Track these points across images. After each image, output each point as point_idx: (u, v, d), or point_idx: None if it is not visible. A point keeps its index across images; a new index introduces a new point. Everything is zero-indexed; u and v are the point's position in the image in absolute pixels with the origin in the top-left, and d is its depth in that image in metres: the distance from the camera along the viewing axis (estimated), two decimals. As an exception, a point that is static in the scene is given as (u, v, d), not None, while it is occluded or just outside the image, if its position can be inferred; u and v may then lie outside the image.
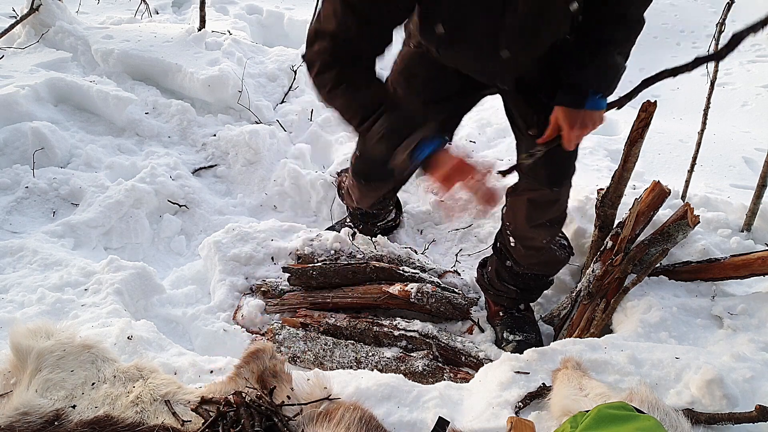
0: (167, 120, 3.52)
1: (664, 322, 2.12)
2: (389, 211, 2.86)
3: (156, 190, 2.96)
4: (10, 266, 2.44)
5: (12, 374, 1.56)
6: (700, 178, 3.16)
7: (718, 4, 5.55)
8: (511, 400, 1.73)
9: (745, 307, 2.16)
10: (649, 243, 2.32)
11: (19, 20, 3.93)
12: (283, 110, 3.71)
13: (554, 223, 2.22)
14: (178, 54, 3.80)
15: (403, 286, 2.40)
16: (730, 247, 2.46)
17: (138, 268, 2.44)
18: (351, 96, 1.67)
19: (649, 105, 2.21)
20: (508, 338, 2.35)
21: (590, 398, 1.51)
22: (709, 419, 1.66)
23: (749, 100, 4.48)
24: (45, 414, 1.40)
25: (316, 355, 2.23)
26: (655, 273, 2.34)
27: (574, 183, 2.16)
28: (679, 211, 2.32)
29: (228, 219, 2.99)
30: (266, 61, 4.02)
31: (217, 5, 5.09)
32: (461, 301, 2.43)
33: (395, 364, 2.18)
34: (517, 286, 2.36)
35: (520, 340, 2.33)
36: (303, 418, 1.48)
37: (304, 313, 2.41)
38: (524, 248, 2.26)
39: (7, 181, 2.88)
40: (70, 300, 2.27)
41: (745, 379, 1.80)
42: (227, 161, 3.34)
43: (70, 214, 2.81)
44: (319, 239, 2.64)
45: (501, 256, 2.37)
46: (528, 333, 2.37)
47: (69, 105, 3.52)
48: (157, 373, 1.58)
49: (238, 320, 2.42)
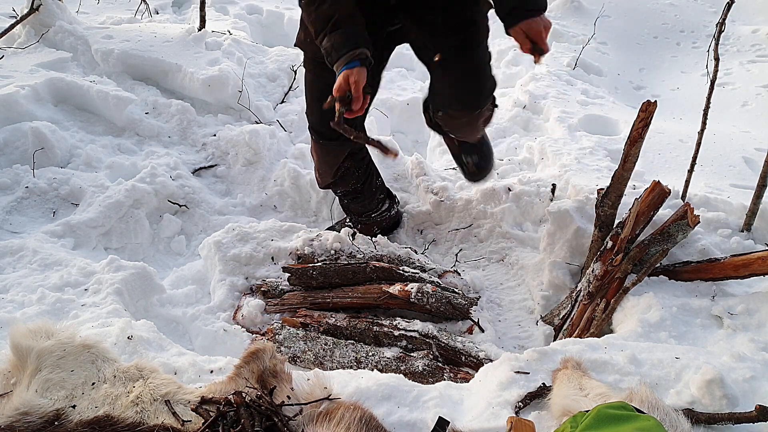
0: (167, 120, 3.52)
1: (664, 322, 2.12)
2: (379, 200, 2.83)
3: (156, 190, 2.96)
4: (10, 266, 2.44)
5: (12, 374, 1.56)
6: (700, 178, 3.16)
7: (718, 4, 5.55)
8: (511, 400, 1.73)
9: (745, 307, 2.16)
10: (649, 243, 2.32)
11: (19, 20, 3.93)
12: (283, 110, 3.71)
13: (485, 122, 2.56)
14: (178, 54, 3.80)
15: (403, 286, 2.40)
16: (730, 247, 2.46)
17: (138, 268, 2.44)
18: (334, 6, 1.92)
19: (649, 105, 2.21)
20: (468, 161, 2.76)
21: (590, 398, 1.51)
22: (709, 419, 1.66)
23: (749, 100, 4.48)
24: (45, 414, 1.40)
25: (316, 355, 2.23)
26: (655, 273, 2.34)
27: (575, 183, 2.16)
28: (679, 211, 2.32)
29: (228, 219, 2.99)
30: (266, 61, 4.02)
31: (217, 5, 5.09)
32: (461, 301, 2.43)
33: (395, 364, 2.18)
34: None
35: (479, 155, 2.74)
36: (303, 418, 1.48)
37: (304, 313, 2.41)
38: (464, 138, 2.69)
39: (7, 181, 2.88)
40: (70, 300, 2.27)
41: (745, 379, 1.80)
42: (227, 161, 3.34)
43: (70, 214, 2.81)
44: (319, 239, 2.64)
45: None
46: (480, 148, 2.76)
47: (69, 105, 3.52)
48: (157, 373, 1.58)
49: (238, 320, 2.42)
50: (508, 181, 3.04)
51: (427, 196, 3.06)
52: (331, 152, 2.54)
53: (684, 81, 4.86)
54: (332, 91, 1.91)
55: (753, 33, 5.29)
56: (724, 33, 2.68)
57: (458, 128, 2.57)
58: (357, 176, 2.69)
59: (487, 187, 3.00)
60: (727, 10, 2.59)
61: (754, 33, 5.29)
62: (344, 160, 2.57)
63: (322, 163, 2.60)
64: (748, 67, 4.92)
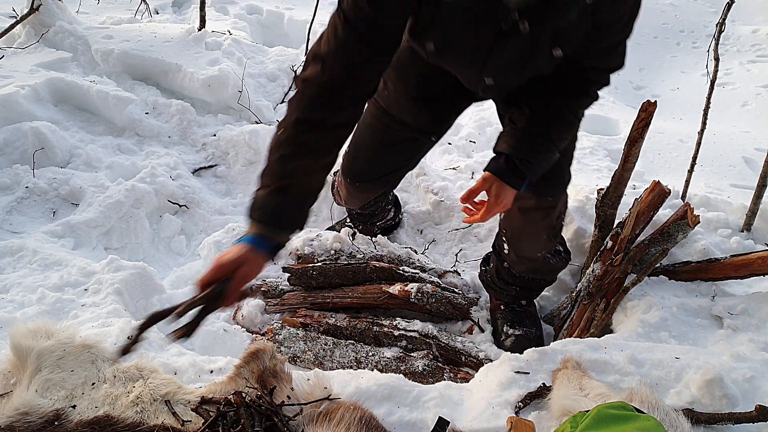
0: (167, 120, 3.52)
1: (664, 322, 2.12)
2: (387, 210, 2.85)
3: (156, 190, 2.96)
4: (10, 266, 2.43)
5: (12, 374, 1.56)
6: (700, 178, 3.16)
7: (718, 4, 5.55)
8: (511, 400, 1.73)
9: (745, 307, 2.16)
10: (649, 243, 2.32)
11: (19, 20, 3.93)
12: (283, 110, 3.68)
13: (549, 235, 2.17)
14: (178, 54, 3.80)
15: (403, 286, 2.40)
16: (730, 247, 2.46)
17: (138, 268, 2.44)
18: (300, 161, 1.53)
19: (649, 105, 2.21)
20: (508, 332, 2.34)
21: (590, 398, 1.51)
22: (709, 419, 1.66)
23: (749, 100, 4.48)
24: (45, 414, 1.40)
25: (316, 355, 2.23)
26: (655, 273, 2.34)
27: (574, 183, 2.16)
28: (679, 211, 2.32)
29: (228, 219, 2.99)
30: (266, 61, 4.02)
31: (217, 5, 5.09)
32: (461, 301, 2.43)
33: (395, 364, 2.18)
34: (516, 285, 2.36)
35: (519, 334, 2.32)
36: (303, 418, 1.48)
37: (304, 313, 2.41)
38: (517, 256, 2.24)
39: (7, 181, 2.88)
40: (70, 300, 2.26)
41: (745, 379, 1.80)
42: (227, 161, 3.34)
43: (70, 214, 2.81)
44: (319, 239, 2.64)
45: (498, 257, 2.37)
46: (528, 327, 2.36)
47: (69, 105, 3.51)
48: (157, 373, 1.58)
49: (238, 320, 2.42)
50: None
51: (427, 196, 3.06)
52: (365, 192, 2.36)
53: (684, 81, 4.86)
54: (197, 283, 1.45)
55: (753, 33, 5.29)
56: (724, 33, 2.68)
57: (521, 228, 2.17)
58: (382, 206, 2.74)
59: (487, 187, 3.00)
60: (727, 10, 2.59)
61: (754, 33, 5.29)
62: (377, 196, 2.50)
63: (352, 198, 2.46)
64: (748, 67, 4.92)
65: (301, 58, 4.00)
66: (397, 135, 2.13)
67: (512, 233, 2.23)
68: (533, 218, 2.10)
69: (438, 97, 2.05)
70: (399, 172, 2.31)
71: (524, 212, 2.09)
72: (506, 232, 2.25)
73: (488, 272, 2.45)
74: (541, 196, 2.02)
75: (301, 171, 1.53)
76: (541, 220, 2.11)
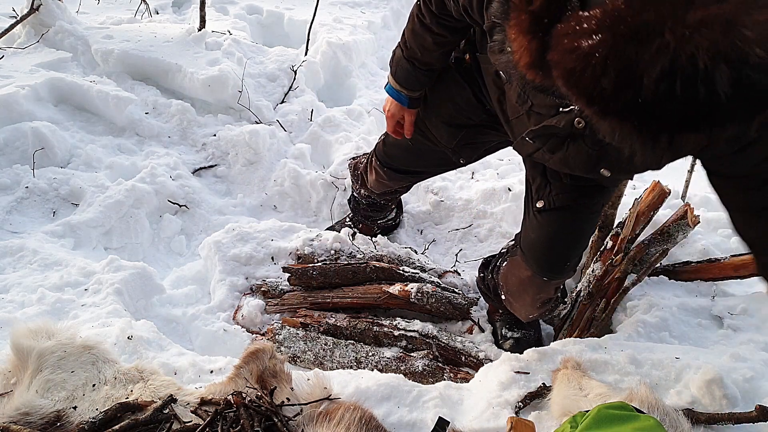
0: (167, 120, 3.51)
1: (664, 322, 2.12)
2: (390, 210, 2.86)
3: (156, 190, 2.96)
4: (10, 266, 2.44)
5: (12, 374, 1.56)
6: (700, 178, 3.15)
7: (718, 3, 5.54)
8: (511, 400, 1.73)
9: (745, 307, 2.16)
10: (649, 243, 2.32)
11: (19, 20, 3.93)
12: (283, 110, 3.70)
13: (545, 303, 2.08)
14: (178, 54, 3.80)
15: (403, 286, 2.40)
16: (730, 247, 2.46)
17: (138, 268, 2.45)
18: (423, 40, 1.82)
19: (649, 105, 2.21)
20: (507, 335, 2.34)
21: (590, 398, 1.51)
22: (709, 419, 1.66)
23: (749, 100, 4.47)
24: (46, 415, 1.40)
25: (316, 355, 2.23)
26: (655, 273, 2.35)
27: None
28: (679, 211, 2.32)
29: (228, 219, 2.99)
30: (266, 61, 4.02)
31: (217, 5, 5.08)
32: (461, 301, 2.43)
33: (395, 364, 2.18)
34: None
35: (518, 337, 2.32)
36: (303, 418, 1.48)
37: (304, 313, 2.41)
38: (512, 308, 2.20)
39: (7, 181, 2.88)
40: (70, 300, 2.27)
41: (745, 379, 1.80)
42: (227, 161, 3.34)
43: (70, 214, 2.81)
44: (319, 239, 2.64)
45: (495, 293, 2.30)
46: (526, 330, 2.36)
47: (69, 105, 3.51)
48: (158, 374, 1.59)
49: (238, 320, 2.42)
50: (508, 181, 3.04)
51: (427, 195, 3.07)
52: (393, 179, 2.40)
53: (684, 81, 4.85)
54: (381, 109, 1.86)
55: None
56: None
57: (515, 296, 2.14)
58: (396, 199, 2.76)
59: (487, 187, 3.01)
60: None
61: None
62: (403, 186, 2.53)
63: (378, 184, 2.47)
64: (748, 66, 4.91)
65: (301, 58, 4.00)
66: (427, 144, 2.14)
67: (508, 288, 2.16)
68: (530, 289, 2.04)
69: (463, 126, 2.02)
70: (425, 173, 2.42)
71: (521, 281, 2.04)
72: (502, 285, 2.19)
73: (486, 280, 2.38)
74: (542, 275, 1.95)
75: (423, 48, 1.84)
76: (538, 292, 2.03)
